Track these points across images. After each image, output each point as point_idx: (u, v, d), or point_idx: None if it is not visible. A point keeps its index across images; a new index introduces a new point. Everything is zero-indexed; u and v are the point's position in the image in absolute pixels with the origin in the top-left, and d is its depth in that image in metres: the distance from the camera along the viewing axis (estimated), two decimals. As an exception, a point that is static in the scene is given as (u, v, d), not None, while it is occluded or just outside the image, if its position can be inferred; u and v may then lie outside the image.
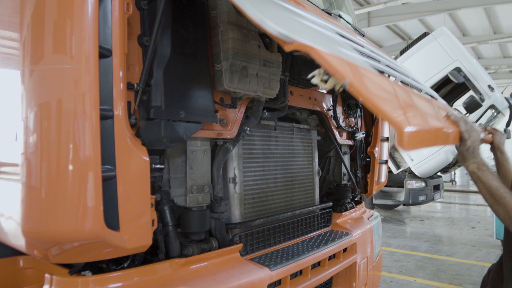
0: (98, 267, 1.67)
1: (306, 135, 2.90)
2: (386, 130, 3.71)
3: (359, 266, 2.88)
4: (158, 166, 1.63)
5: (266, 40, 2.11)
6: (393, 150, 9.29)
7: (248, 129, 2.15)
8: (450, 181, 19.85)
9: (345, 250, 2.84)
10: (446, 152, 8.29)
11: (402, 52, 9.01)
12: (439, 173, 9.76)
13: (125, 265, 1.70)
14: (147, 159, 1.51)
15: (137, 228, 1.50)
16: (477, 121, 8.06)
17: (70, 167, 1.28)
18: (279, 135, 2.60)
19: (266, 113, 2.32)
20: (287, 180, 2.63)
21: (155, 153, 1.71)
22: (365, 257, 3.02)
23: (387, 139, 3.69)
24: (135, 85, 1.57)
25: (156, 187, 1.92)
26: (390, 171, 9.30)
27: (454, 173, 19.32)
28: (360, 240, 2.95)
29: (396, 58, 9.06)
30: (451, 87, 9.71)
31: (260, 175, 2.40)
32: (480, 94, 8.02)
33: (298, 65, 2.40)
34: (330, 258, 2.69)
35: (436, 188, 9.80)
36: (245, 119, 2.20)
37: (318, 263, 2.52)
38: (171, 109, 1.66)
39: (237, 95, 2.02)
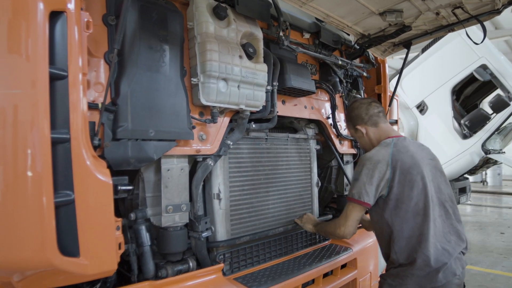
0: (71, 288, 1.64)
1: (304, 145, 2.78)
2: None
3: (359, 283, 2.74)
4: (124, 187, 1.57)
5: (249, 50, 2.01)
6: (415, 151, 8.93)
7: (231, 143, 2.07)
8: (481, 181, 18.97)
9: (344, 265, 2.71)
10: (471, 154, 7.88)
11: (424, 50, 8.63)
12: (466, 175, 9.31)
13: (98, 286, 1.67)
14: (110, 181, 1.45)
15: (100, 253, 1.45)
16: (504, 121, 7.60)
17: (20, 195, 1.24)
18: (271, 147, 2.50)
19: (254, 125, 2.23)
20: (280, 194, 2.53)
21: (126, 172, 1.66)
22: (368, 273, 2.87)
23: (396, 146, 3.50)
24: (100, 104, 1.53)
25: (135, 205, 1.89)
26: (412, 174, 8.94)
27: (485, 173, 18.45)
28: (362, 255, 2.80)
29: (417, 56, 8.71)
30: (477, 85, 9.22)
31: (248, 189, 2.30)
32: (508, 92, 7.55)
33: (288, 74, 2.29)
34: (328, 274, 2.58)
35: (462, 191, 9.34)
36: (229, 133, 2.12)
37: (313, 281, 2.40)
38: (139, 128, 1.60)
39: (217, 109, 1.94)
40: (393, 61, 13.42)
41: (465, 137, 8.01)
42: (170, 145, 1.72)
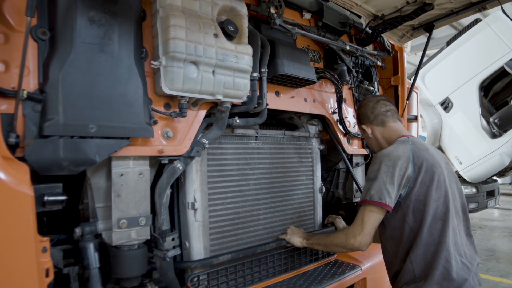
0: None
1: (305, 144, 2.39)
2: (413, 133, 3.09)
3: (369, 307, 2.33)
4: (53, 198, 1.23)
5: (229, 28, 1.64)
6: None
7: (207, 142, 1.70)
8: (510, 183, 17.90)
9: (351, 286, 2.30)
10: (501, 155, 7.24)
11: (449, 43, 8.02)
12: (494, 177, 8.63)
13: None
14: (29, 191, 1.12)
15: (14, 284, 1.12)
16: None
17: None
18: (263, 147, 2.12)
19: (238, 121, 1.85)
20: (275, 202, 2.15)
21: (65, 178, 1.33)
22: (380, 294, 2.45)
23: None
24: (23, 92, 1.19)
25: (86, 217, 1.55)
26: (435, 175, 8.34)
27: (515, 175, 17.38)
28: (373, 274, 2.39)
29: (442, 49, 8.12)
30: (508, 81, 8.52)
31: (233, 197, 1.93)
32: (544, 87, 6.89)
33: (281, 58, 1.91)
34: (330, 297, 2.18)
35: (491, 194, 8.67)
36: (205, 129, 1.76)
37: (311, 306, 2.01)
38: (74, 123, 1.25)
39: (186, 99, 1.58)
40: (416, 58, 12.75)
41: (494, 136, 7.38)
42: (120, 144, 1.37)
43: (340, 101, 2.39)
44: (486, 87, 8.14)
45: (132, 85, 1.39)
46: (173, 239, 1.59)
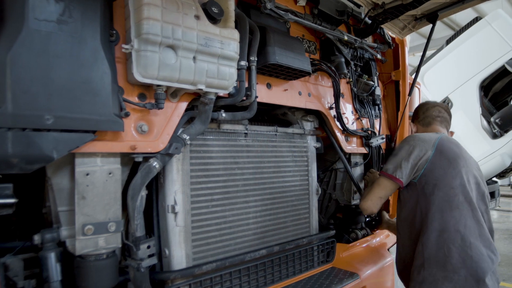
0: None
1: (299, 142, 2.21)
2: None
3: (369, 319, 2.15)
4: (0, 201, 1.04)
5: (212, 9, 1.46)
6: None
7: (189, 137, 1.52)
8: (509, 185, 17.78)
9: (349, 296, 2.12)
10: (502, 155, 7.09)
11: (448, 42, 7.87)
12: (494, 178, 8.48)
13: None
14: (-35, 193, 0.93)
15: None
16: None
17: None
18: (253, 144, 1.94)
19: (224, 115, 1.67)
20: (266, 205, 1.97)
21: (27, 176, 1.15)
22: (381, 304, 2.27)
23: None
24: (-37, 75, 1.01)
25: (50, 222, 1.37)
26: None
27: (514, 176, 17.26)
28: (373, 282, 2.21)
29: (441, 48, 7.98)
30: (509, 80, 8.38)
31: (219, 199, 1.75)
32: (546, 87, 6.75)
33: (272, 46, 1.73)
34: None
35: (491, 195, 8.51)
36: (187, 123, 1.57)
37: (305, 319, 1.83)
38: (26, 113, 1.07)
39: (163, 89, 1.39)
40: (414, 58, 12.61)
41: (495, 136, 7.23)
42: (83, 138, 1.19)
43: (337, 95, 2.21)
44: (486, 87, 8.00)
45: (98, 70, 1.21)
46: (148, 247, 1.41)
